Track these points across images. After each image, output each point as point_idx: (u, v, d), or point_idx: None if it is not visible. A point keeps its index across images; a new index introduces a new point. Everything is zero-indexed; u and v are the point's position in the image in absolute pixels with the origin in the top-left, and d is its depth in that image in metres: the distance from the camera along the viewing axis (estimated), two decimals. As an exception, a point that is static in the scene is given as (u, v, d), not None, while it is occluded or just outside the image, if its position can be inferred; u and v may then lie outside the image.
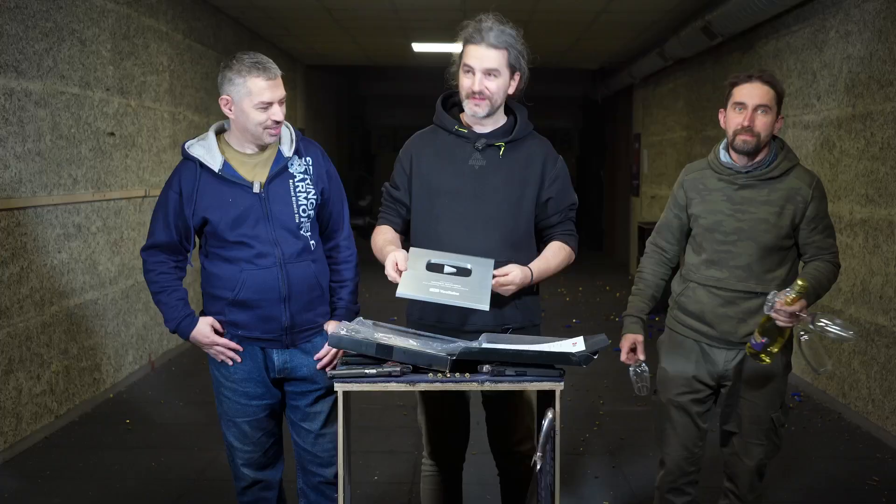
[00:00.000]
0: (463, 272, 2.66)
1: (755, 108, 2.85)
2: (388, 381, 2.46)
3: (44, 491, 4.10)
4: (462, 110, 2.87)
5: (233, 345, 2.86)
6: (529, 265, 2.77)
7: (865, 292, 5.11)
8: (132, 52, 5.98)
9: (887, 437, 4.83)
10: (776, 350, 2.77)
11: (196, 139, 2.87)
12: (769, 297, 2.71)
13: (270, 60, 2.77)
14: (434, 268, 2.68)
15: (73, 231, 5.15)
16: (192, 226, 2.82)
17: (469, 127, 2.86)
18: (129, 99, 5.93)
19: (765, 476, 3.11)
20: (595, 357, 2.49)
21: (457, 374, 2.47)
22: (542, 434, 2.47)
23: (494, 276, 2.65)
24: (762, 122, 2.85)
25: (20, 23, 4.58)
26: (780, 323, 2.69)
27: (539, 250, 2.91)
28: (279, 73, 2.77)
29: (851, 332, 2.68)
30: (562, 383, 2.46)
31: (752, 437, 3.03)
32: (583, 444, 4.79)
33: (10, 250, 4.50)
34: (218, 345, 2.85)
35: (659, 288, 3.12)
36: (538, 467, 2.48)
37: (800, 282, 2.67)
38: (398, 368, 2.46)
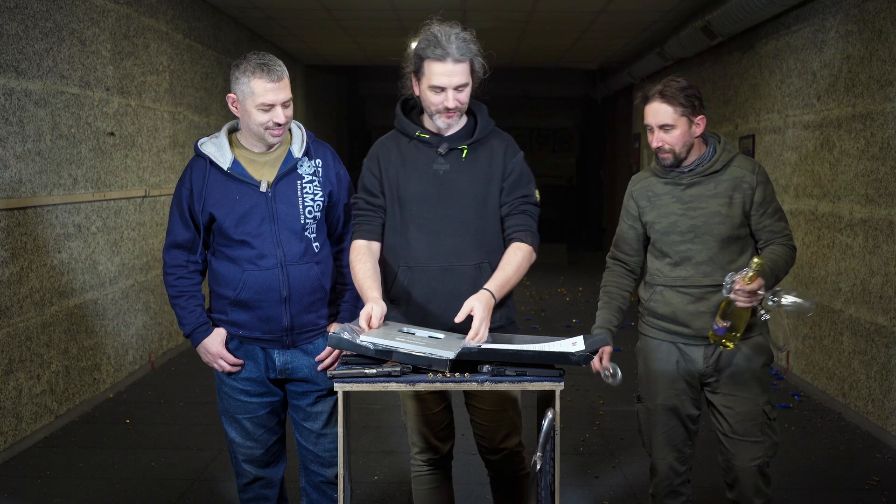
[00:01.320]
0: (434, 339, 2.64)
1: (659, 128, 2.88)
2: (388, 381, 2.46)
3: (44, 491, 4.10)
4: (421, 113, 2.87)
5: (234, 360, 2.88)
6: (486, 286, 2.69)
7: (865, 292, 5.11)
8: (132, 52, 5.98)
9: (887, 437, 4.83)
10: (739, 334, 2.77)
11: (209, 137, 2.90)
12: (727, 279, 2.71)
13: (278, 62, 2.77)
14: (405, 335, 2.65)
15: (73, 231, 5.15)
16: (201, 222, 2.84)
17: (431, 132, 2.84)
18: (129, 99, 5.93)
19: (770, 479, 3.02)
20: (594, 356, 2.49)
21: (457, 374, 2.47)
22: (542, 434, 2.47)
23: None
24: (670, 139, 2.88)
25: (20, 23, 4.58)
26: (739, 304, 2.69)
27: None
28: (285, 74, 2.76)
29: (811, 302, 2.70)
30: (562, 383, 2.46)
31: (747, 435, 2.96)
32: (583, 444, 4.79)
33: (10, 250, 4.50)
34: (223, 358, 2.87)
35: (625, 299, 3.13)
36: (538, 467, 2.48)
37: (756, 259, 2.69)
38: (398, 368, 2.46)
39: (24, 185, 4.61)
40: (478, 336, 2.54)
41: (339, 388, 2.46)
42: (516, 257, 2.78)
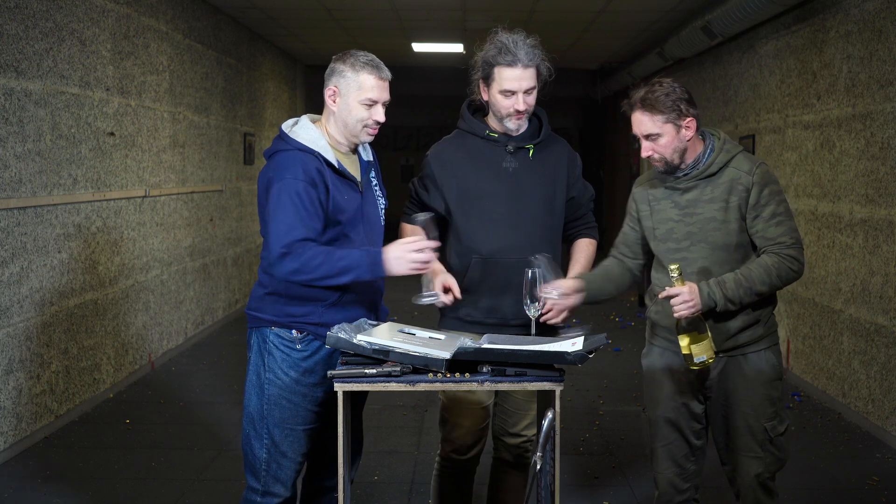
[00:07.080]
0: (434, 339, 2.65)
1: (645, 138, 2.79)
2: (388, 381, 2.46)
3: (44, 491, 4.10)
4: (485, 114, 3.01)
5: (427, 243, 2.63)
6: (570, 277, 2.96)
7: (865, 292, 5.11)
8: (132, 52, 5.98)
9: (887, 437, 4.83)
10: (700, 341, 2.67)
11: (300, 128, 2.74)
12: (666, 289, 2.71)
13: (383, 63, 2.76)
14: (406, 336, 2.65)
15: (73, 231, 5.15)
16: (329, 214, 2.65)
17: (498, 131, 2.95)
18: (129, 99, 5.93)
19: (774, 492, 2.93)
20: (590, 356, 2.49)
21: (457, 374, 2.47)
22: (542, 434, 2.47)
23: (547, 311, 2.85)
24: (658, 147, 2.77)
25: (20, 23, 4.58)
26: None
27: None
28: (390, 76, 2.76)
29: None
30: (562, 383, 2.47)
31: (746, 451, 2.86)
32: (583, 444, 4.79)
33: (10, 250, 4.50)
34: (415, 249, 2.59)
35: (610, 274, 3.00)
36: (538, 467, 2.48)
37: (671, 266, 2.67)
38: (398, 368, 2.46)
39: (24, 185, 4.61)
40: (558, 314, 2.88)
41: (338, 387, 2.46)
42: (589, 251, 3.15)
